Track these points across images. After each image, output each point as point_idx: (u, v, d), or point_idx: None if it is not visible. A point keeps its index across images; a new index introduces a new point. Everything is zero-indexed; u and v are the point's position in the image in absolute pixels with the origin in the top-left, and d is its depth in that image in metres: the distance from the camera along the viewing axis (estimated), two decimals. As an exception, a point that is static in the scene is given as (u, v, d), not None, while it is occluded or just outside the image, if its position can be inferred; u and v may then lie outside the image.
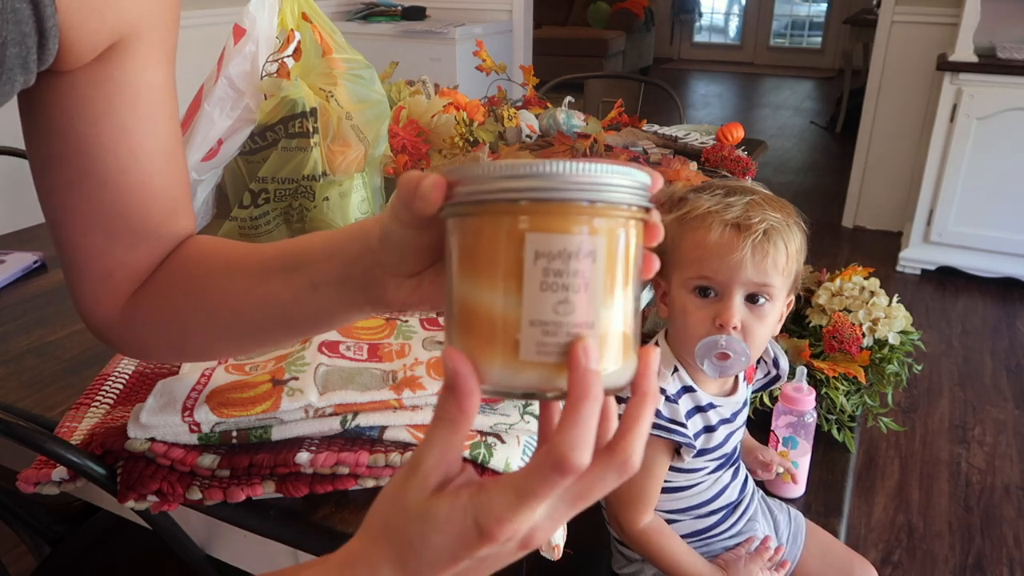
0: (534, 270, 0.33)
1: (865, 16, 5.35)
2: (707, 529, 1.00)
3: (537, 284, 0.33)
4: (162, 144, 0.55)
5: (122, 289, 0.58)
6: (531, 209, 0.33)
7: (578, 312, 0.33)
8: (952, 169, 2.96)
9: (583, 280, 0.33)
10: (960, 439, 2.15)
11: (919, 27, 3.25)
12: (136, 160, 0.54)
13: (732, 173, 1.53)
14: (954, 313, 2.88)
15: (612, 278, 0.34)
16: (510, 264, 0.33)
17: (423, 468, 0.35)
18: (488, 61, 1.74)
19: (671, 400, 0.89)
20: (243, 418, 0.64)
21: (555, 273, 0.33)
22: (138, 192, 0.55)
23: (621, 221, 0.34)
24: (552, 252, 0.33)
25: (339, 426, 0.65)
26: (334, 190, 1.17)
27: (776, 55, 8.52)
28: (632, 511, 0.93)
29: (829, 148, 5.34)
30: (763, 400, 1.24)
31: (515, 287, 0.33)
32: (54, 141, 0.53)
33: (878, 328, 1.31)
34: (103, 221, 0.55)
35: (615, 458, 0.34)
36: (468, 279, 0.35)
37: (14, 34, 0.43)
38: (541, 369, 0.34)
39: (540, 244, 0.33)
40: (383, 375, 0.70)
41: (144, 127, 0.54)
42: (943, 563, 1.72)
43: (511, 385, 0.34)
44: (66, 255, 0.58)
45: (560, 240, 0.33)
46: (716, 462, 0.97)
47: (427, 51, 3.62)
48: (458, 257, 0.35)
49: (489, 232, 0.34)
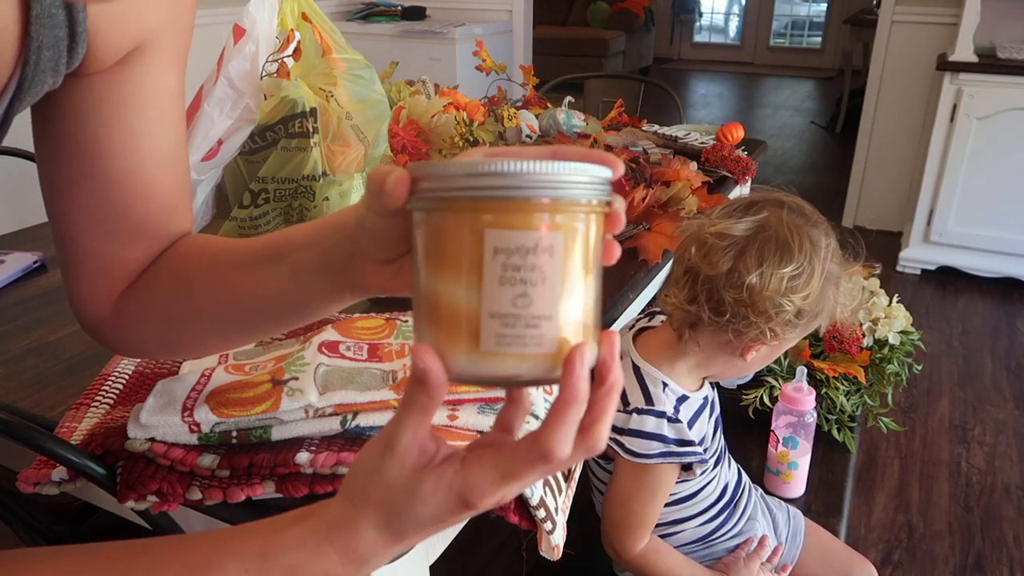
0: (493, 264, 0.34)
1: (865, 16, 5.34)
2: (710, 532, 1.00)
3: (496, 278, 0.34)
4: (168, 146, 0.57)
5: (116, 286, 0.59)
6: (490, 206, 0.34)
7: (536, 305, 0.35)
8: (952, 169, 2.96)
9: (541, 274, 0.35)
10: (960, 439, 2.15)
11: (919, 27, 3.25)
12: (143, 161, 0.55)
13: (732, 173, 1.53)
14: (954, 313, 2.88)
15: (571, 271, 0.35)
16: (471, 259, 0.35)
17: (399, 448, 0.38)
18: (488, 61, 1.74)
19: (674, 420, 0.89)
20: (243, 418, 0.64)
21: (513, 268, 0.34)
22: (141, 192, 0.56)
23: (580, 216, 0.35)
24: (510, 248, 0.34)
25: (339, 426, 0.65)
26: (334, 190, 1.17)
27: (776, 55, 8.52)
28: (630, 538, 0.93)
29: (829, 148, 5.34)
30: (763, 400, 1.24)
31: (476, 281, 0.35)
32: (64, 140, 0.54)
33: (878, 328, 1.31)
34: (105, 218, 0.56)
35: (586, 443, 0.37)
36: (432, 272, 0.36)
37: (49, 38, 0.45)
38: (503, 359, 0.35)
39: (499, 240, 0.34)
40: (383, 375, 0.70)
41: (153, 130, 0.55)
42: (943, 563, 1.72)
43: (476, 374, 0.36)
44: (65, 250, 0.58)
45: (518, 236, 0.34)
46: (713, 457, 0.98)
47: (427, 51, 3.62)
48: (423, 251, 0.37)
49: (451, 227, 0.35)
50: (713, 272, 0.83)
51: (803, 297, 0.82)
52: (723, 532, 1.01)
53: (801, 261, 0.82)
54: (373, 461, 0.39)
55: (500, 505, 0.48)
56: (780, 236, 0.83)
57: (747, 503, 1.05)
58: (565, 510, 0.72)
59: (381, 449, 0.39)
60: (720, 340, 0.88)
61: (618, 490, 0.92)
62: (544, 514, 0.66)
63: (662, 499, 0.93)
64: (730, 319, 0.83)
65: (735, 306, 0.82)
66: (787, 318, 0.83)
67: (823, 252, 0.84)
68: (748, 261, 0.82)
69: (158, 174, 0.57)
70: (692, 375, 0.94)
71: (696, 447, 0.90)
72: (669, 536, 0.99)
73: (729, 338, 0.86)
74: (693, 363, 0.92)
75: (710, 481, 0.98)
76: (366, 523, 0.39)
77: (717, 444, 0.99)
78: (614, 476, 0.93)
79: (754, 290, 0.81)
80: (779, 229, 0.83)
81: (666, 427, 0.88)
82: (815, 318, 0.86)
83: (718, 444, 0.99)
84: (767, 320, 0.83)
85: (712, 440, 0.97)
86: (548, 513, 0.66)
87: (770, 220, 0.84)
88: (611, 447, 0.90)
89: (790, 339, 0.88)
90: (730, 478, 1.03)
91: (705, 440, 0.94)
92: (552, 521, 0.67)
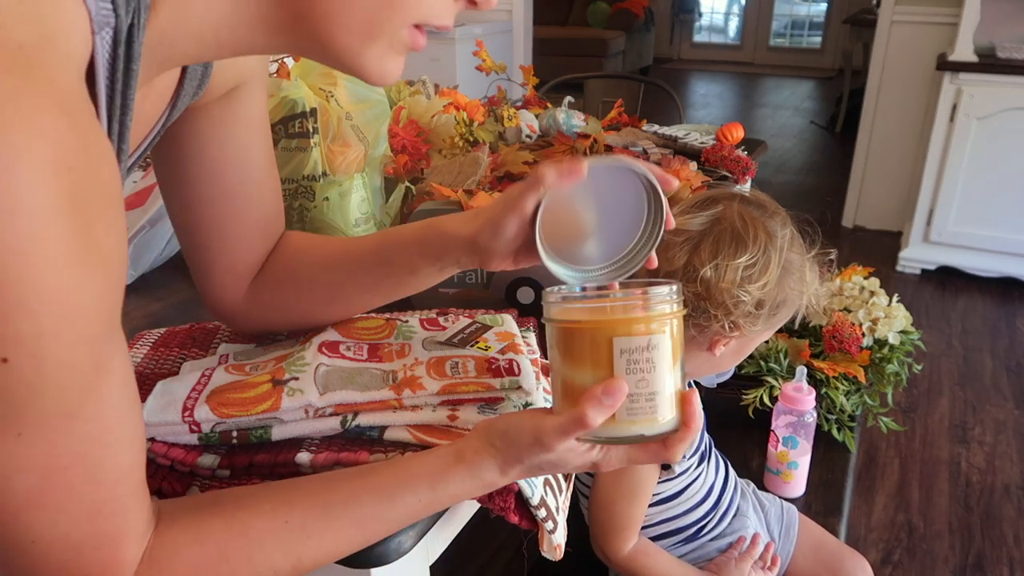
0: (620, 361, 0.50)
1: (865, 16, 5.34)
2: (698, 531, 1.00)
3: (623, 370, 0.51)
4: (267, 160, 0.71)
5: (243, 280, 0.74)
6: (614, 323, 0.51)
7: (650, 385, 0.51)
8: (952, 169, 2.96)
9: (652, 364, 0.51)
10: (960, 439, 2.15)
11: (919, 27, 3.25)
12: (252, 173, 0.69)
13: (732, 173, 1.53)
14: (954, 313, 2.88)
15: (669, 358, 0.52)
16: (605, 358, 0.51)
17: (550, 446, 0.54)
18: (488, 61, 1.74)
19: None
20: (243, 418, 0.64)
21: (634, 362, 0.51)
22: (256, 199, 0.71)
23: (669, 321, 0.51)
24: (631, 348, 0.50)
25: (339, 426, 0.65)
26: (334, 190, 1.17)
27: (776, 55, 8.52)
28: (616, 540, 0.92)
29: (829, 148, 5.34)
30: (763, 400, 1.24)
31: (609, 373, 0.51)
32: (187, 163, 0.67)
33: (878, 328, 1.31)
34: (226, 225, 0.70)
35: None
36: (572, 367, 0.53)
37: (189, 87, 0.58)
38: (631, 424, 0.52)
39: (623, 344, 0.50)
40: (383, 375, 0.70)
41: (256, 146, 0.69)
42: (943, 563, 1.72)
43: (611, 436, 0.53)
44: (196, 257, 0.72)
45: (636, 340, 0.50)
46: (696, 456, 0.98)
47: (427, 51, 3.59)
48: (562, 351, 0.53)
49: (586, 337, 0.51)
50: (670, 268, 0.83)
51: (760, 287, 0.82)
52: (711, 531, 1.01)
53: (755, 252, 0.82)
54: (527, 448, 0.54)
55: (501, 505, 0.62)
56: (734, 228, 0.83)
57: (735, 501, 1.05)
58: (564, 509, 0.72)
59: (538, 448, 0.54)
60: (686, 336, 0.88)
61: (600, 493, 0.92)
62: (545, 513, 0.66)
63: (644, 499, 0.92)
64: (690, 313, 0.83)
65: (694, 300, 0.83)
66: (746, 309, 0.83)
67: (779, 241, 0.84)
68: (703, 255, 0.82)
69: (264, 182, 0.71)
70: None
71: None
72: (656, 537, 0.98)
73: (693, 334, 0.86)
74: None
75: (694, 480, 0.98)
76: (511, 474, 0.56)
77: (699, 442, 0.98)
78: (596, 479, 0.93)
79: (710, 283, 0.82)
80: (734, 221, 0.83)
81: None
82: (779, 309, 0.86)
83: (700, 442, 0.99)
84: (726, 313, 0.83)
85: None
86: (549, 512, 0.66)
87: (725, 213, 0.85)
88: None
89: (757, 332, 0.87)
90: (717, 477, 1.02)
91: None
92: (553, 520, 0.67)
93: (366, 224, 1.20)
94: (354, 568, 0.61)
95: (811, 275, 0.88)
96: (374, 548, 0.59)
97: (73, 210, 0.36)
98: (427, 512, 0.57)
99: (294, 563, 0.53)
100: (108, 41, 0.42)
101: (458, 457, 0.56)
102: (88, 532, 0.44)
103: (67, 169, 0.36)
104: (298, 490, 0.55)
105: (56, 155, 0.35)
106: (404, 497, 0.55)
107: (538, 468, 0.56)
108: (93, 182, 0.38)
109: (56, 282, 0.36)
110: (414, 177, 1.27)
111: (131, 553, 0.47)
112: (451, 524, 0.72)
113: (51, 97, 0.36)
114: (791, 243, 0.86)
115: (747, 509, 1.06)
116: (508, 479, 0.57)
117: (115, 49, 0.43)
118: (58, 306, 0.37)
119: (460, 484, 0.56)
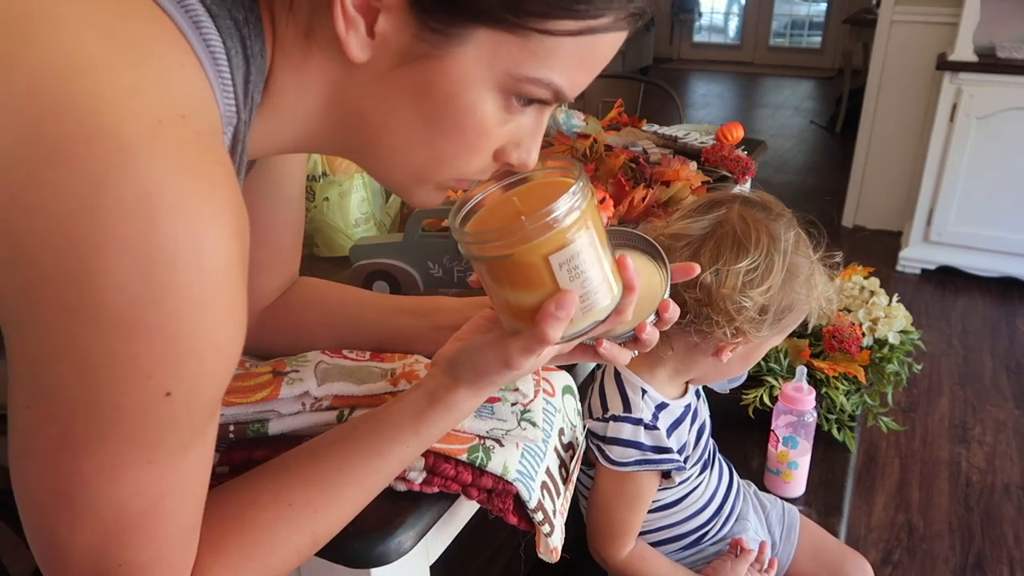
0: (561, 274, 0.52)
1: (865, 16, 5.34)
2: (698, 538, 1.00)
3: (567, 280, 0.52)
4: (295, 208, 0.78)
5: (255, 308, 0.77)
6: (544, 243, 0.51)
7: (591, 279, 0.53)
8: (952, 169, 2.96)
9: (588, 261, 0.52)
10: (960, 439, 2.15)
11: (919, 27, 3.25)
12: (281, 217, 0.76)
13: (732, 173, 1.53)
14: (954, 313, 2.88)
15: (599, 246, 0.53)
16: (546, 277, 0.52)
17: (515, 365, 0.56)
18: (488, 61, 1.73)
19: (651, 427, 0.88)
20: (241, 408, 0.64)
21: (573, 268, 0.52)
22: (282, 235, 0.77)
23: (586, 218, 0.51)
24: (567, 259, 0.51)
25: (336, 421, 0.65)
26: (334, 190, 1.17)
27: (776, 55, 8.52)
28: (614, 545, 0.92)
29: (829, 148, 5.34)
30: (763, 400, 1.24)
31: (555, 287, 0.52)
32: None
33: (878, 328, 1.31)
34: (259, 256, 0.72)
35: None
36: (516, 291, 0.53)
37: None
38: (585, 318, 0.54)
39: (559, 258, 0.51)
40: (382, 372, 0.70)
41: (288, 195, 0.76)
42: (943, 563, 1.72)
43: (571, 334, 0.55)
44: None
45: (568, 250, 0.51)
46: (699, 466, 0.97)
47: (427, 51, 3.61)
48: (504, 281, 0.54)
49: (522, 264, 0.52)
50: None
51: (762, 292, 0.80)
52: (711, 536, 1.01)
53: (756, 256, 0.80)
54: (497, 372, 0.57)
55: (499, 507, 0.64)
56: (735, 232, 0.81)
57: (737, 506, 1.05)
58: (563, 512, 0.72)
59: (507, 370, 0.56)
60: (689, 343, 0.86)
61: (600, 498, 0.92)
62: (542, 517, 0.66)
63: (643, 507, 0.92)
64: (692, 320, 0.82)
65: (695, 306, 0.81)
66: (750, 315, 0.81)
67: (783, 245, 0.82)
68: (703, 260, 0.80)
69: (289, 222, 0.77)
70: (673, 381, 0.92)
71: (674, 454, 0.88)
72: (657, 543, 0.98)
73: (696, 340, 0.85)
74: (672, 369, 0.91)
75: (696, 487, 0.98)
76: (483, 395, 0.60)
77: (702, 451, 0.98)
78: (595, 483, 0.92)
79: (710, 289, 0.80)
80: (736, 224, 0.82)
81: (643, 434, 0.87)
82: (785, 314, 0.84)
83: (703, 451, 0.98)
84: (729, 319, 0.81)
85: (695, 448, 0.96)
86: (546, 516, 0.66)
87: (728, 216, 0.83)
88: (593, 453, 0.90)
89: (765, 337, 0.86)
90: (720, 483, 1.02)
91: (686, 448, 0.93)
92: (550, 523, 0.67)
93: (366, 224, 1.20)
94: (354, 568, 0.61)
95: (819, 278, 0.86)
96: (374, 548, 0.59)
97: (240, 271, 0.43)
98: (419, 452, 0.60)
99: (311, 539, 0.56)
100: (229, 138, 0.49)
101: (432, 399, 0.59)
102: (168, 560, 0.48)
103: (240, 236, 0.42)
104: (289, 472, 0.58)
105: (235, 225, 0.42)
106: (392, 448, 0.58)
107: (504, 383, 0.60)
108: (247, 246, 0.44)
109: (220, 331, 0.42)
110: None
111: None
112: (451, 524, 0.72)
113: (226, 175, 0.42)
114: (796, 246, 0.84)
115: (748, 512, 1.05)
116: (484, 397, 0.61)
117: (234, 145, 0.49)
118: (219, 352, 0.42)
119: (441, 421, 0.59)
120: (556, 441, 0.73)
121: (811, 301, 0.85)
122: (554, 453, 0.72)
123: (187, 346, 0.40)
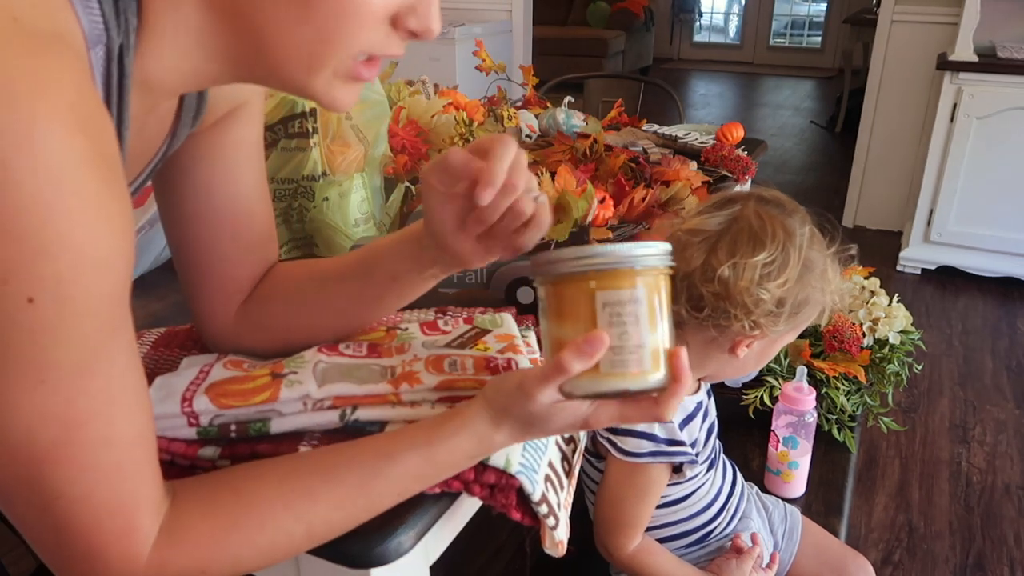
0: (603, 314, 0.51)
1: (865, 16, 5.34)
2: (703, 536, 1.00)
3: (606, 323, 0.52)
4: (258, 183, 0.73)
5: (232, 303, 0.75)
6: (597, 276, 0.52)
7: (633, 338, 0.52)
8: (952, 169, 2.96)
9: (634, 317, 0.52)
10: (960, 439, 2.15)
11: (919, 27, 3.25)
12: (242, 195, 0.72)
13: (732, 173, 1.53)
14: (954, 313, 2.88)
15: (652, 314, 0.53)
16: (588, 312, 0.52)
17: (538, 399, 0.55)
18: (488, 61, 1.74)
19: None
20: (242, 409, 0.64)
21: (616, 315, 0.52)
22: (244, 220, 0.73)
23: (653, 277, 0.52)
24: (612, 301, 0.51)
25: (338, 420, 0.65)
26: (334, 190, 1.16)
27: (776, 55, 8.52)
28: (621, 538, 0.92)
29: (829, 148, 5.34)
30: (763, 400, 1.24)
31: (592, 327, 0.52)
32: (183, 184, 0.70)
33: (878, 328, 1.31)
34: (218, 243, 0.72)
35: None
36: (558, 323, 0.54)
37: (187, 118, 0.62)
38: (615, 377, 0.53)
39: (605, 297, 0.51)
40: (381, 370, 0.70)
41: (246, 169, 0.72)
42: (943, 563, 1.72)
43: (596, 391, 0.54)
44: (187, 275, 0.74)
45: (617, 294, 0.51)
46: (706, 462, 0.97)
47: (427, 51, 3.62)
48: (550, 309, 0.55)
49: (571, 293, 0.53)
50: (688, 268, 0.82)
51: (779, 285, 0.81)
52: (716, 534, 1.01)
53: (773, 250, 0.81)
54: (512, 396, 0.56)
55: (502, 502, 0.64)
56: (751, 227, 0.82)
57: (741, 505, 1.05)
58: (567, 506, 0.72)
59: (522, 396, 0.55)
60: (706, 338, 0.86)
61: (609, 490, 0.92)
62: (547, 510, 0.66)
63: (653, 500, 0.92)
64: (710, 314, 0.82)
65: (713, 300, 0.82)
66: (767, 308, 0.81)
67: (798, 239, 0.83)
68: (720, 253, 0.81)
69: (254, 205, 0.73)
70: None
71: (686, 447, 0.89)
72: (661, 539, 0.98)
73: (714, 335, 0.85)
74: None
75: (702, 485, 0.98)
76: (504, 429, 0.58)
77: (710, 450, 0.98)
78: (605, 476, 0.93)
79: (728, 282, 0.81)
80: (751, 220, 0.83)
81: (656, 426, 0.88)
82: (801, 308, 0.84)
83: (711, 450, 0.98)
84: (746, 312, 0.82)
85: (704, 446, 0.96)
86: (551, 509, 0.66)
87: (743, 212, 0.84)
88: (604, 446, 0.90)
89: (780, 332, 0.86)
90: (724, 482, 1.02)
91: (696, 444, 0.93)
92: (555, 517, 0.67)
93: (366, 224, 1.20)
94: (354, 568, 0.61)
95: (833, 273, 0.87)
96: (374, 548, 0.59)
97: (87, 169, 0.40)
98: (428, 469, 0.59)
99: (306, 528, 0.55)
100: (102, 57, 0.47)
101: (452, 412, 0.60)
102: (106, 495, 0.46)
103: (81, 133, 0.40)
104: (303, 460, 0.59)
105: (73, 120, 0.40)
106: (403, 454, 0.58)
107: (528, 424, 0.58)
108: (102, 150, 0.42)
109: (74, 231, 0.40)
110: (414, 177, 1.27)
111: (147, 523, 0.49)
112: (451, 524, 0.71)
113: (66, 73, 0.41)
114: (811, 241, 0.85)
115: (751, 512, 1.06)
116: (501, 435, 0.59)
117: (108, 65, 0.47)
118: (76, 254, 0.40)
119: (454, 437, 0.58)
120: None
121: (826, 295, 0.86)
122: (555, 447, 0.72)
123: (37, 247, 0.39)
